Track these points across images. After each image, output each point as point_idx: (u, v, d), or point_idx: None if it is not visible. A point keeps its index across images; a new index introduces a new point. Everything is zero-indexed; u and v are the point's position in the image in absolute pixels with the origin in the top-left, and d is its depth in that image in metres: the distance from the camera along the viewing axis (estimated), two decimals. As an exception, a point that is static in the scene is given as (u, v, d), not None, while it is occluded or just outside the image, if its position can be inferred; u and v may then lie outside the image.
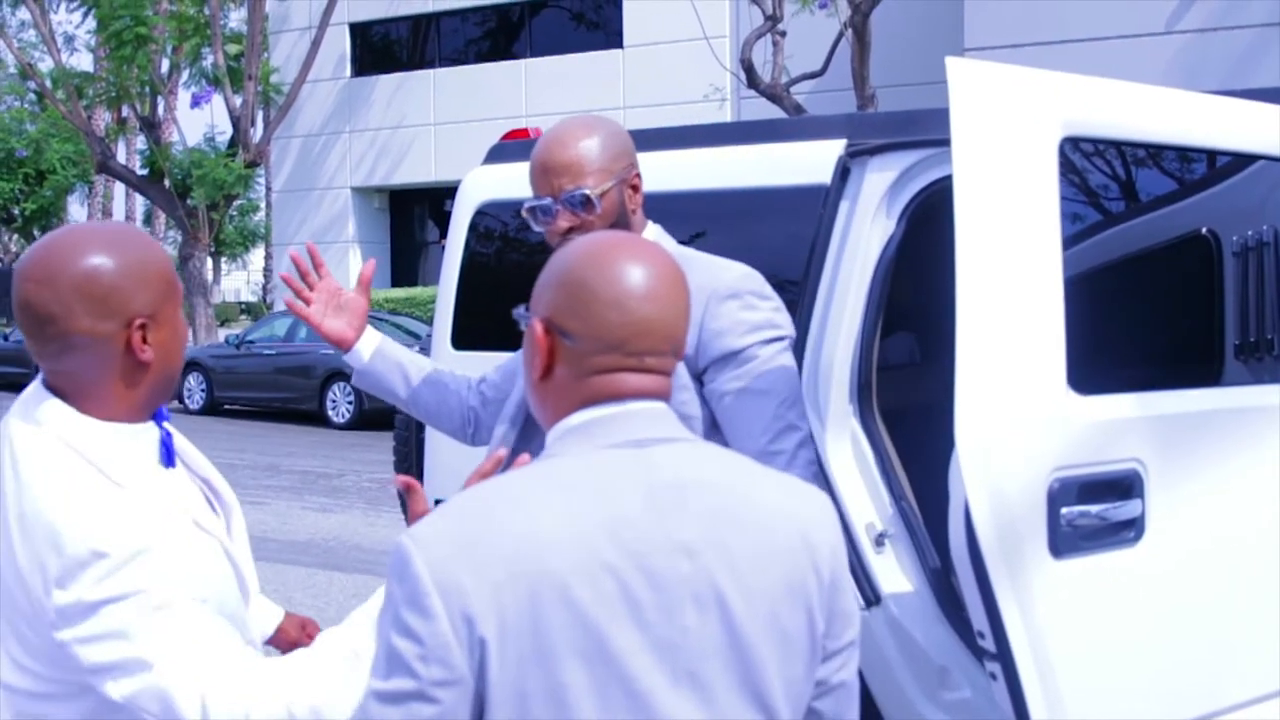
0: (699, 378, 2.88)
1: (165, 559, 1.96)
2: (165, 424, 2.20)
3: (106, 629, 1.91)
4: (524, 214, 2.88)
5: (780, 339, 2.93)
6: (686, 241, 4.24)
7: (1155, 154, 3.52)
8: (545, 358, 1.78)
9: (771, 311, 2.94)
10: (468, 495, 1.71)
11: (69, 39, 40.70)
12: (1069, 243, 3.13)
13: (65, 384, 2.06)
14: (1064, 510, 3.02)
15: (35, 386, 2.09)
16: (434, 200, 30.85)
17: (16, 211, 45.85)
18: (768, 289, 2.97)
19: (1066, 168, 3.18)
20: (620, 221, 2.89)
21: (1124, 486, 3.14)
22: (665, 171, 4.27)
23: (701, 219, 4.22)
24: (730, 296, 2.87)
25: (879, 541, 3.92)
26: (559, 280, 1.78)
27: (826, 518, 1.82)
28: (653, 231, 3.04)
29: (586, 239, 1.81)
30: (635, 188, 2.93)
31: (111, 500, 1.98)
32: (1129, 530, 3.16)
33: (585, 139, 2.84)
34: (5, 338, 27.12)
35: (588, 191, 2.80)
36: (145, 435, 2.12)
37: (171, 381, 2.15)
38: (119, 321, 2.02)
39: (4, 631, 2.02)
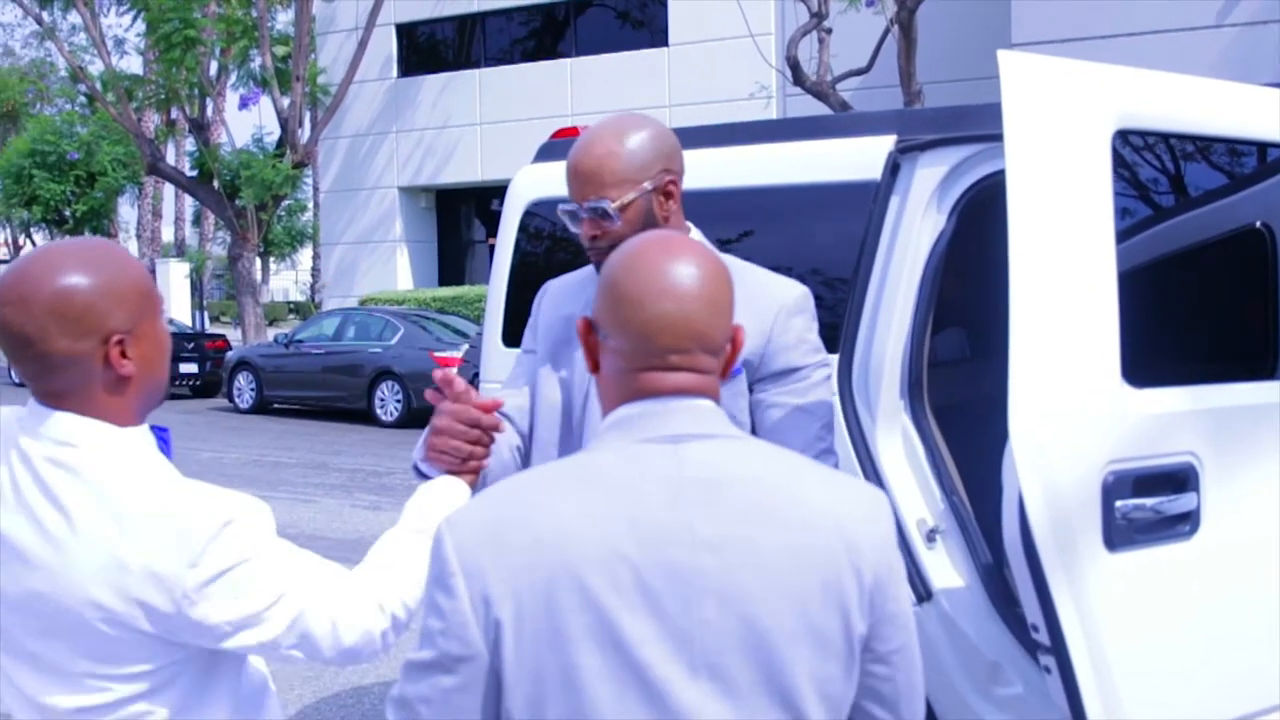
0: (751, 385, 2.86)
1: (264, 515, 2.12)
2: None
3: (246, 586, 2.03)
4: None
5: (827, 364, 2.92)
6: (736, 239, 4.26)
7: (1208, 147, 3.51)
8: (589, 354, 1.88)
9: (818, 335, 2.93)
10: (503, 484, 1.81)
11: (119, 42, 41.02)
12: (1122, 236, 3.12)
13: (59, 401, 2.08)
14: (1118, 503, 3.01)
15: (33, 409, 2.10)
16: (480, 199, 30.94)
17: (68, 213, 46.25)
18: (810, 304, 2.94)
19: (1119, 161, 3.17)
20: (649, 228, 2.76)
21: (1179, 480, 3.14)
22: (715, 169, 4.28)
23: (752, 216, 4.23)
24: (800, 312, 2.85)
25: (930, 537, 3.92)
26: (601, 279, 1.86)
27: (874, 516, 1.80)
28: (694, 235, 2.96)
29: (633, 239, 1.88)
30: (669, 194, 2.83)
31: (189, 481, 2.09)
32: (1184, 524, 3.15)
33: (614, 146, 2.78)
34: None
35: (607, 205, 2.74)
36: (147, 434, 2.18)
37: (159, 389, 2.19)
38: (96, 339, 2.04)
39: (55, 659, 2.05)
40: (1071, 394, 2.98)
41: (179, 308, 36.09)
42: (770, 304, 2.79)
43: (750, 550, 1.71)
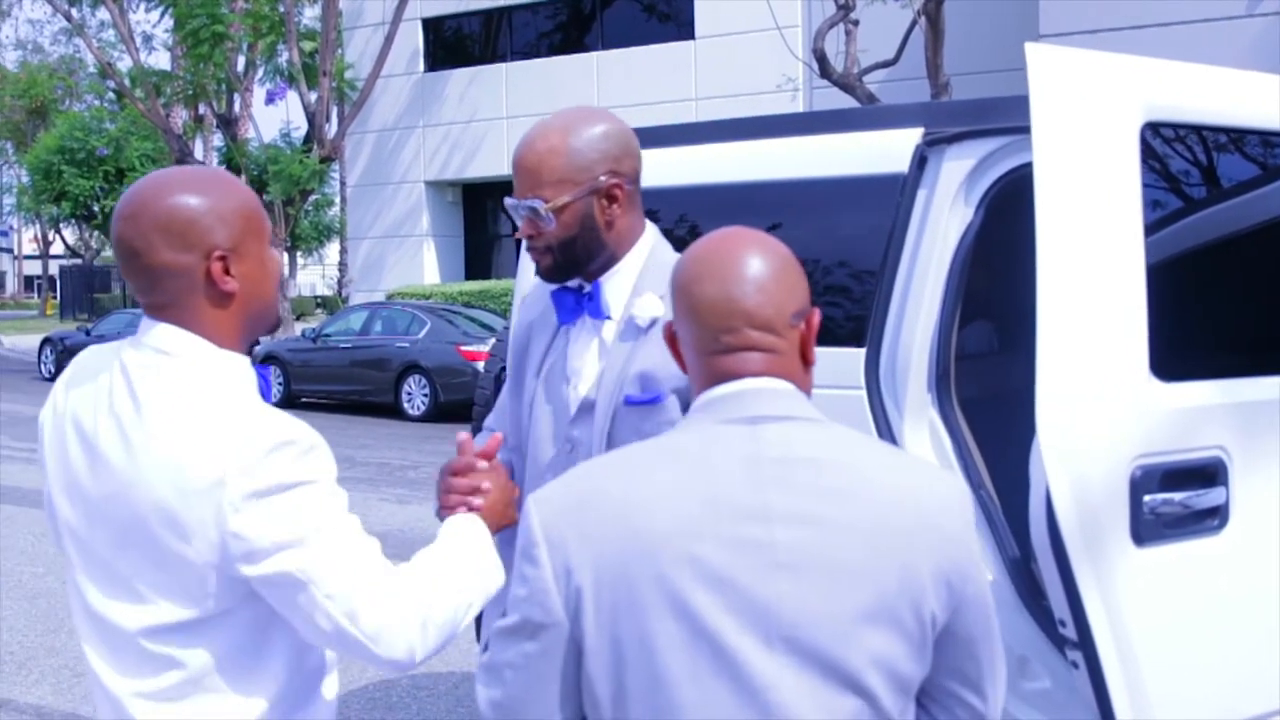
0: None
1: (329, 460, 2.16)
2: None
3: (289, 509, 2.07)
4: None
5: None
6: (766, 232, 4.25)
7: (1237, 139, 3.49)
8: (671, 347, 1.99)
9: None
10: (589, 463, 1.93)
11: (147, 38, 41.24)
12: (1150, 229, 3.11)
13: (163, 313, 2.19)
14: (1146, 498, 3.00)
15: (141, 324, 2.23)
16: (507, 193, 30.69)
17: (96, 209, 46.49)
18: None
19: (1148, 153, 3.15)
20: (587, 235, 2.69)
21: (1208, 474, 3.12)
22: (741, 162, 4.27)
23: (778, 209, 4.22)
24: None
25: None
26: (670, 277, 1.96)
27: (952, 501, 1.82)
28: (649, 239, 2.83)
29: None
30: (612, 198, 2.69)
31: (267, 406, 2.16)
32: (1213, 518, 3.13)
33: (557, 143, 2.66)
34: (88, 333, 27.52)
35: (539, 206, 2.64)
36: (246, 364, 2.25)
37: (265, 313, 2.27)
38: (198, 254, 2.14)
39: (124, 570, 2.13)
40: (1099, 387, 2.97)
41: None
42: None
43: (826, 527, 1.75)
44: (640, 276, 2.75)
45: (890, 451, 1.89)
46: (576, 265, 2.73)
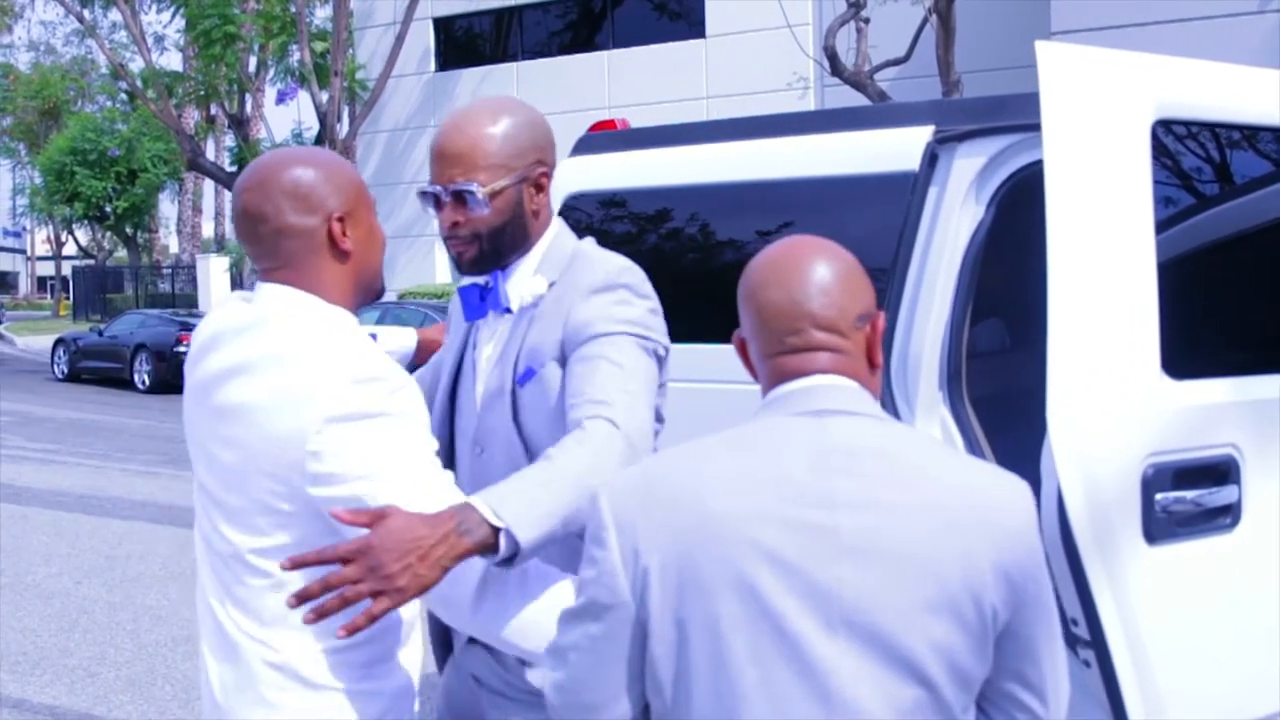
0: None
1: (419, 399, 2.30)
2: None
3: (366, 438, 2.20)
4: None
5: (648, 341, 2.59)
6: (774, 231, 4.25)
7: (1249, 136, 3.48)
8: (742, 357, 2.04)
9: (646, 312, 2.63)
10: (660, 452, 1.99)
11: (159, 39, 41.36)
12: (1162, 226, 3.10)
13: (283, 276, 2.39)
14: (1158, 496, 3.00)
15: (260, 285, 2.43)
16: (518, 193, 30.95)
17: (109, 209, 46.61)
18: (647, 288, 2.67)
19: (1159, 150, 3.15)
20: (516, 222, 2.66)
21: (1220, 472, 3.11)
22: (752, 161, 4.27)
23: (789, 208, 4.22)
24: (603, 289, 2.60)
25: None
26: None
27: (1014, 500, 1.85)
28: (554, 230, 2.78)
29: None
30: (540, 187, 2.68)
31: (372, 346, 2.34)
32: (1225, 516, 3.13)
33: (488, 128, 2.61)
34: (100, 333, 27.58)
35: (475, 189, 2.59)
36: (355, 321, 2.43)
37: (375, 277, 2.49)
38: (320, 217, 2.38)
39: (238, 502, 2.30)
40: (1111, 386, 2.97)
41: (219, 302, 36.26)
42: (571, 292, 2.62)
43: (891, 516, 1.79)
44: (540, 265, 2.71)
45: (953, 451, 1.94)
46: (499, 255, 2.69)
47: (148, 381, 25.10)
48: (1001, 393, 4.41)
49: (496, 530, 2.13)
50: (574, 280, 2.65)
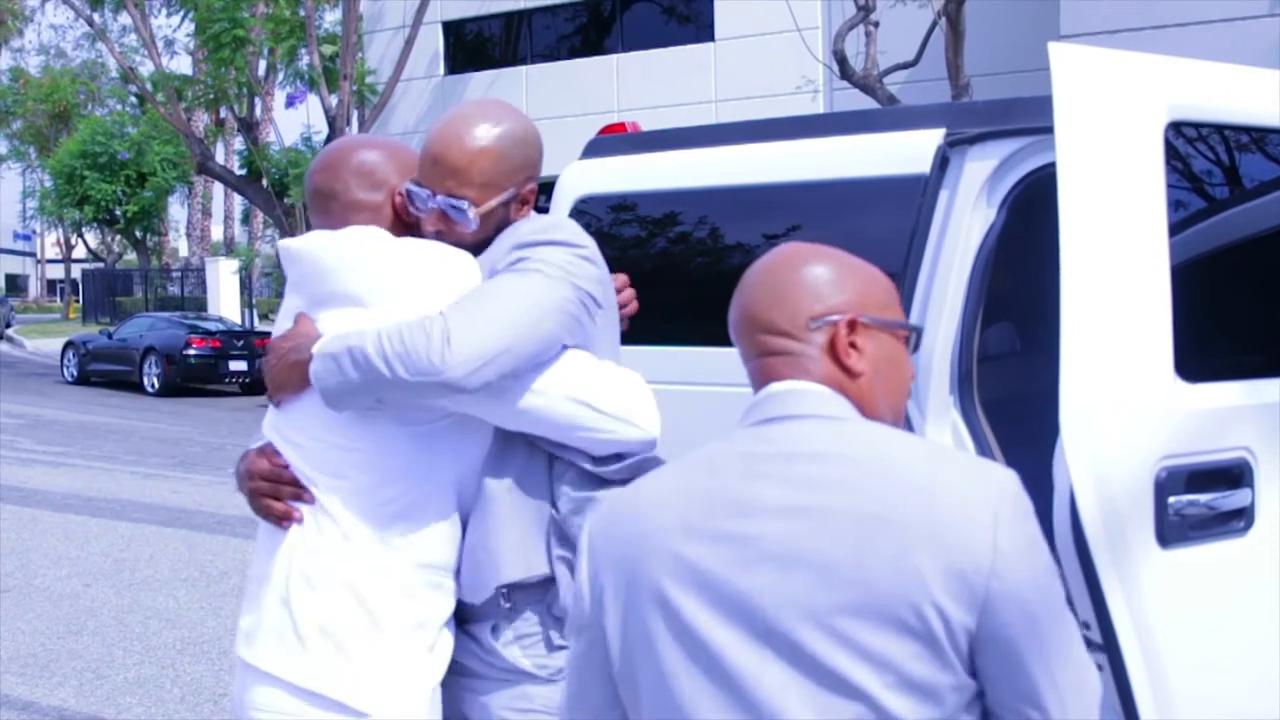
0: None
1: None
2: None
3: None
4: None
5: (544, 273, 2.53)
6: (784, 234, 4.24)
7: (1262, 138, 3.47)
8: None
9: (565, 255, 2.58)
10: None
11: (169, 43, 41.28)
12: (1175, 229, 3.09)
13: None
14: (1171, 499, 2.98)
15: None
16: (527, 196, 30.93)
17: (119, 212, 46.68)
18: (579, 238, 2.64)
19: (1172, 153, 3.14)
20: (498, 233, 2.69)
21: (1233, 475, 3.10)
22: (763, 164, 4.26)
23: (799, 211, 4.21)
24: (525, 243, 2.58)
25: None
26: None
27: (980, 496, 1.72)
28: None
29: None
30: (526, 201, 2.72)
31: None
32: (1238, 520, 3.11)
33: (485, 142, 2.62)
34: (109, 336, 27.62)
35: (467, 207, 2.61)
36: None
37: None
38: (384, 193, 2.69)
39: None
40: (1124, 389, 2.96)
41: (228, 306, 36.34)
42: (497, 247, 2.65)
43: (813, 520, 1.73)
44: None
45: (926, 448, 1.81)
46: (474, 254, 2.71)
47: (157, 384, 25.14)
48: (1013, 396, 4.40)
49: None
50: (501, 240, 2.68)
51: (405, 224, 2.67)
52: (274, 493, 2.62)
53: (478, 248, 2.68)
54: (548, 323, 2.50)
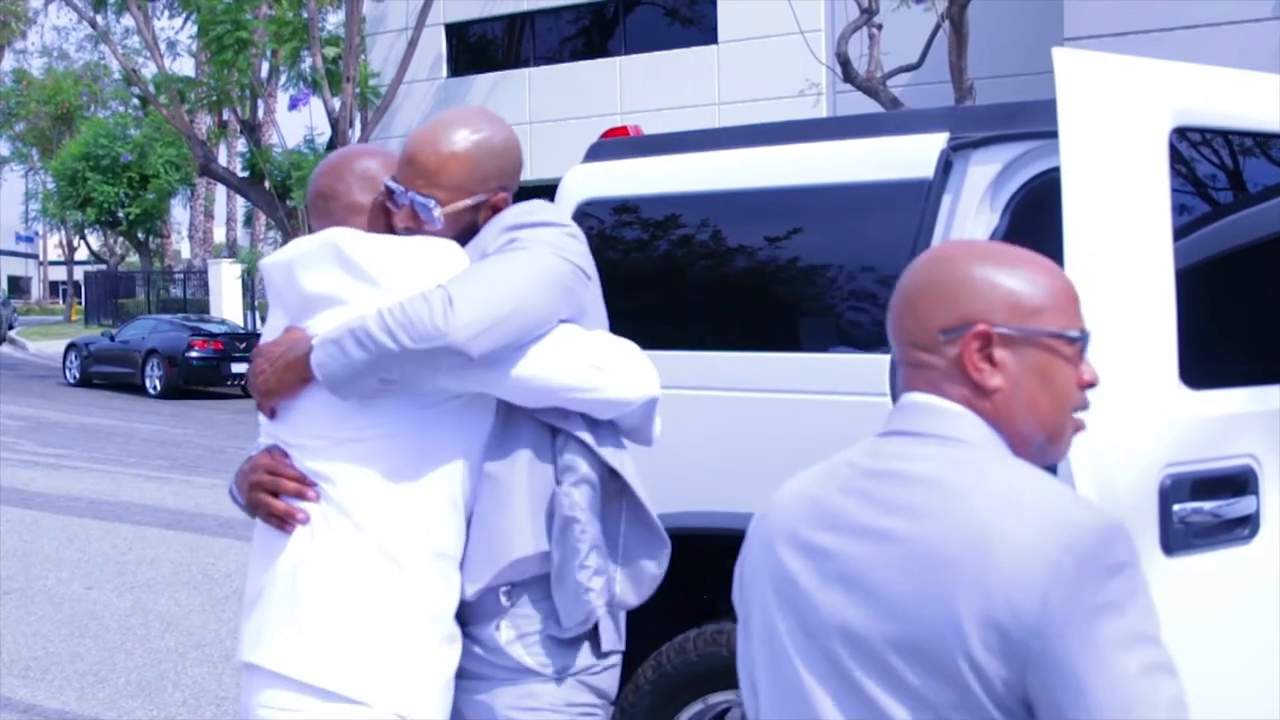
0: None
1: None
2: None
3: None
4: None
5: (524, 247, 2.61)
6: (785, 237, 4.23)
7: (1267, 143, 3.45)
8: None
9: (553, 233, 2.68)
10: None
11: (172, 45, 41.34)
12: (1180, 234, 3.08)
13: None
14: (1176, 507, 2.97)
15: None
16: (529, 198, 30.92)
17: (121, 214, 46.68)
18: (564, 218, 2.78)
19: (1176, 158, 3.13)
20: (466, 236, 2.74)
21: (1238, 483, 3.09)
22: (766, 167, 4.25)
23: (803, 215, 4.20)
24: (513, 226, 2.68)
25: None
26: None
27: (1044, 542, 1.57)
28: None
29: None
30: (497, 207, 2.78)
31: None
32: (1243, 527, 3.10)
33: (458, 148, 2.71)
34: (111, 338, 27.62)
35: (433, 206, 2.68)
36: None
37: None
38: (380, 194, 2.77)
39: None
40: (1128, 395, 2.94)
41: (231, 308, 36.35)
42: (488, 232, 2.73)
43: (889, 545, 1.68)
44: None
45: (1020, 485, 1.66)
46: None
47: (159, 386, 25.14)
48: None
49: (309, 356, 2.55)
50: (489, 227, 2.75)
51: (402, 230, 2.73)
52: (274, 486, 2.62)
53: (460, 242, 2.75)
54: (546, 293, 2.57)
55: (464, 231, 2.74)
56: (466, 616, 2.70)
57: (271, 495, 2.63)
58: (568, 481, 2.65)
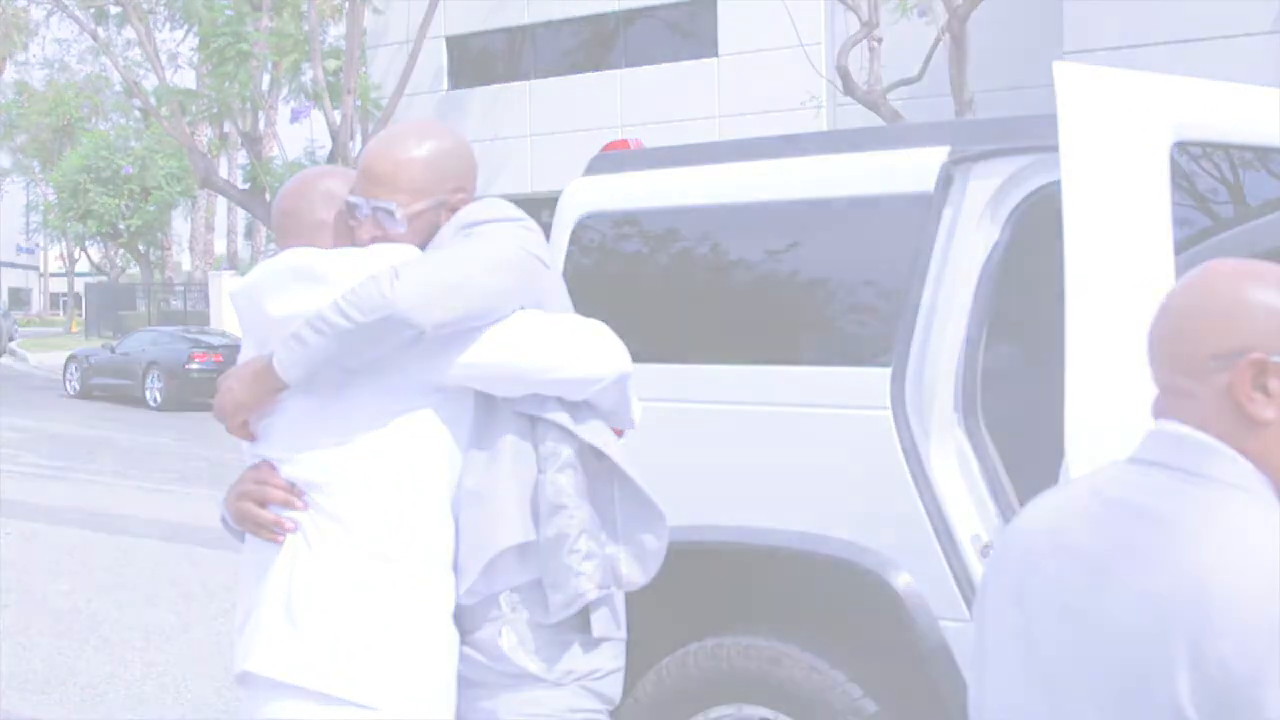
0: None
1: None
2: None
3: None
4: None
5: (475, 233, 2.69)
6: (785, 250, 4.23)
7: (1268, 157, 3.46)
8: None
9: (504, 224, 2.75)
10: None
11: (173, 57, 41.37)
12: (1180, 248, 3.08)
13: None
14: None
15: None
16: (530, 211, 30.45)
17: (122, 226, 46.72)
18: (521, 214, 2.83)
19: (1177, 172, 3.13)
20: (428, 242, 2.78)
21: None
22: (766, 181, 4.25)
23: (803, 229, 4.21)
24: (466, 225, 2.73)
25: (984, 552, 3.88)
26: None
27: (1264, 600, 1.50)
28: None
29: None
30: (455, 209, 2.82)
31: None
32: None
33: (413, 152, 2.77)
34: (112, 350, 27.62)
35: (394, 209, 2.71)
36: None
37: None
38: (335, 210, 2.80)
39: None
40: (1128, 409, 2.94)
41: (231, 321, 36.31)
42: (445, 232, 2.78)
43: (1097, 576, 1.65)
44: None
45: (1252, 529, 1.57)
46: None
47: (159, 399, 25.13)
48: (1017, 414, 4.38)
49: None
50: (447, 228, 2.79)
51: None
52: (261, 496, 2.64)
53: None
54: (499, 273, 2.62)
55: (428, 238, 2.78)
56: (468, 623, 2.70)
57: (259, 506, 2.63)
58: (551, 469, 2.66)
